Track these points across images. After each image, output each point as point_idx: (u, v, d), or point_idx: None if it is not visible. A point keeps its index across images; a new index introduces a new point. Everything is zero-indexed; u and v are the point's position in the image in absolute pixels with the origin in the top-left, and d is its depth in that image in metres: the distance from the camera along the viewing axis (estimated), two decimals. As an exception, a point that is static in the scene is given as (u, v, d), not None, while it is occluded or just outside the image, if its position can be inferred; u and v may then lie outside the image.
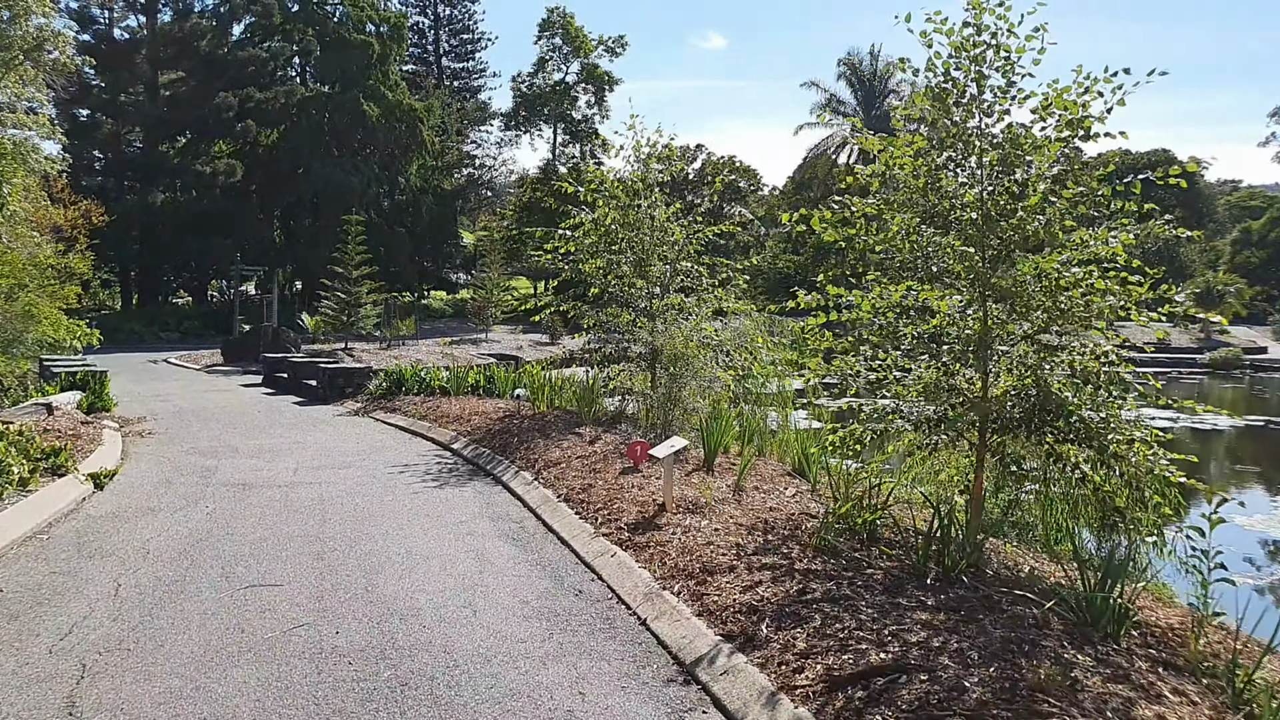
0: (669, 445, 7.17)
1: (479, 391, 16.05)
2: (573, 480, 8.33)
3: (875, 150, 6.98)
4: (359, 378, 17.41)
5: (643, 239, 13.04)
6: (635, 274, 13.23)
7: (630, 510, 7.06)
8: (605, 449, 9.57)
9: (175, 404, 16.83)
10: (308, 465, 10.47)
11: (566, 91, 58.49)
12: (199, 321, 38.54)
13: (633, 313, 13.28)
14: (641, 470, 8.43)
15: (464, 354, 30.64)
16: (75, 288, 19.12)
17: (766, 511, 6.96)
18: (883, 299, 6.97)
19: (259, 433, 13.19)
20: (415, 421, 13.67)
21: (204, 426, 13.82)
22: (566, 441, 10.17)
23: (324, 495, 8.71)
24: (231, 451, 11.49)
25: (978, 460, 6.83)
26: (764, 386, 13.07)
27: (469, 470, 10.03)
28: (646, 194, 13.22)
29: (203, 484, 9.26)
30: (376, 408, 15.53)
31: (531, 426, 11.47)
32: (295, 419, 14.75)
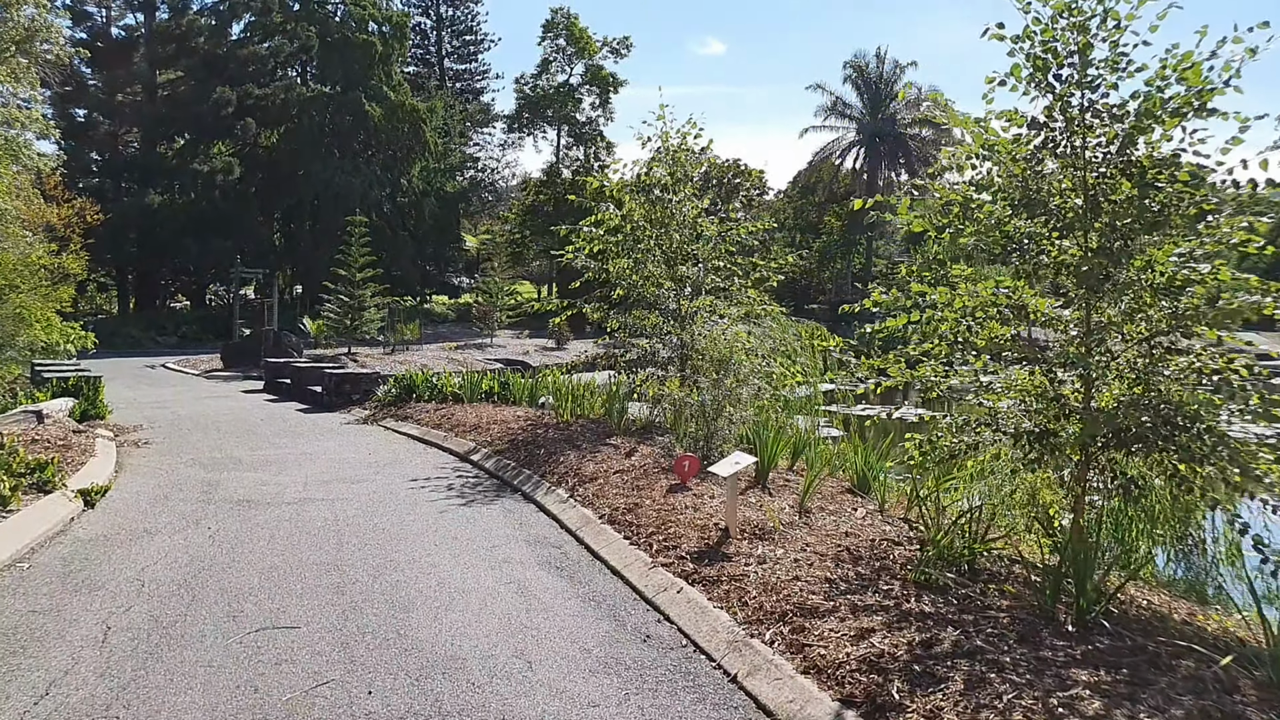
0: (731, 462, 6.36)
1: (493, 398, 15.24)
2: (614, 499, 7.51)
3: (966, 129, 6.17)
4: (367, 384, 16.60)
5: (672, 236, 12.26)
6: (664, 274, 12.46)
7: (689, 535, 6.24)
8: (644, 463, 8.75)
9: (174, 411, 16.01)
10: (318, 479, 9.65)
11: (570, 93, 57.79)
12: (197, 325, 37.70)
13: (660, 315, 12.51)
14: (691, 488, 7.61)
15: (470, 359, 29.85)
16: (69, 289, 18.30)
17: (842, 537, 6.15)
18: (971, 296, 6.19)
19: (263, 443, 12.38)
20: (429, 430, 12.86)
21: (204, 436, 13.00)
22: (600, 454, 9.35)
23: (339, 514, 7.89)
24: (234, 464, 10.67)
25: (1080, 480, 6.04)
26: (792, 392, 12.28)
27: (494, 486, 9.20)
28: (676, 188, 12.44)
29: (204, 501, 8.44)
30: (386, 415, 14.71)
31: (557, 437, 10.66)
32: (301, 428, 13.93)
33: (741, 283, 12.53)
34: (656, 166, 12.51)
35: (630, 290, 12.40)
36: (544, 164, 61.61)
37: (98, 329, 36.00)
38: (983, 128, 6.22)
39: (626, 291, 12.47)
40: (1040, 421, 5.97)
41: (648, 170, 12.46)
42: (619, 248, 12.48)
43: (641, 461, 8.83)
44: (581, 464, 8.97)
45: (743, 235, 12.41)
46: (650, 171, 12.47)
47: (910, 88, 66.64)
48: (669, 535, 6.30)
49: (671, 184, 12.43)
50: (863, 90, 70.53)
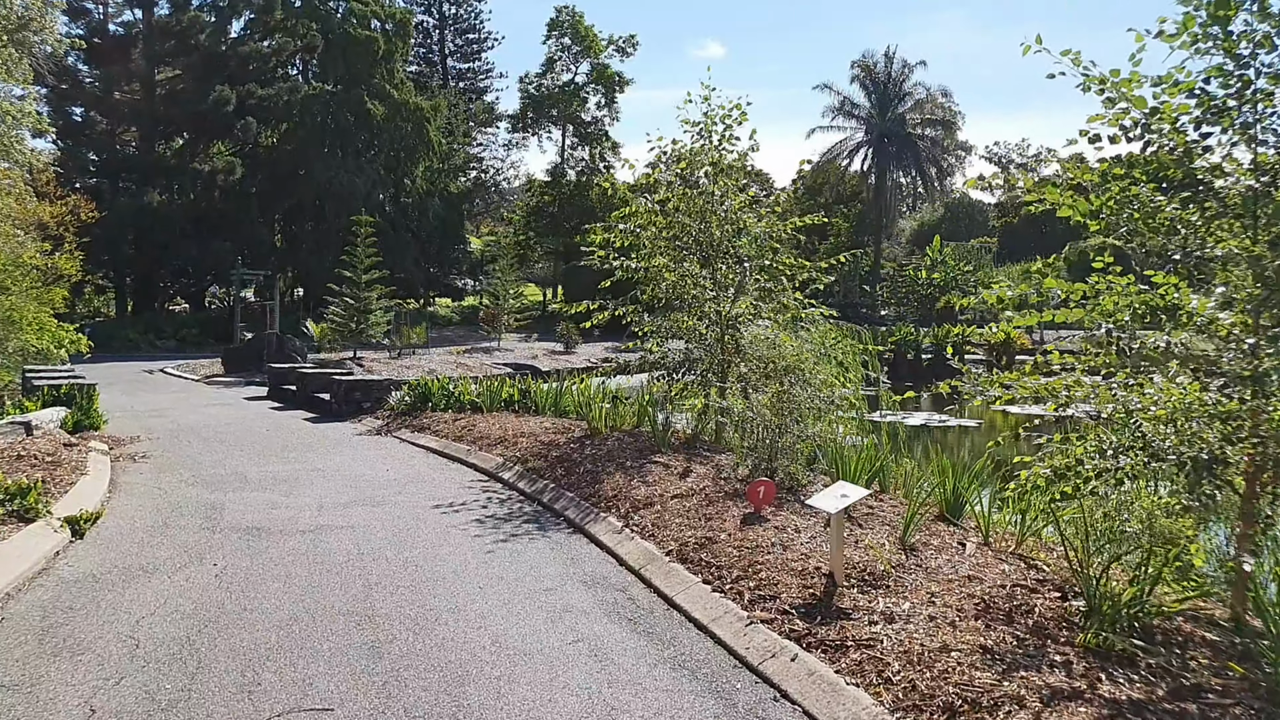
0: (834, 494, 5.38)
1: (514, 407, 14.28)
2: (679, 530, 6.54)
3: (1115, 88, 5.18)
4: (378, 391, 15.62)
5: (713, 232, 11.30)
6: (703, 273, 11.51)
7: (785, 582, 5.28)
8: (703, 485, 7.79)
9: (173, 420, 15.03)
10: (334, 501, 8.68)
11: (576, 92, 56.86)
12: (197, 329, 36.70)
13: (698, 318, 11.57)
14: (769, 519, 6.63)
15: (478, 363, 28.89)
16: (62, 291, 17.34)
17: (965, 582, 5.19)
18: (1123, 295, 5.25)
19: (270, 456, 11.40)
20: (450, 443, 11.89)
21: (206, 448, 12.03)
22: (648, 474, 8.38)
23: (362, 545, 6.92)
24: (240, 481, 9.70)
25: (1244, 519, 5.10)
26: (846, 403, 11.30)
27: (533, 511, 8.23)
28: (719, 178, 11.48)
29: (208, 528, 7.47)
30: (401, 425, 13.73)
31: (594, 453, 9.69)
32: (310, 439, 12.96)
33: (788, 284, 11.58)
34: (697, 155, 11.53)
35: (669, 291, 11.44)
36: (548, 164, 60.75)
37: (95, 332, 35.05)
38: (1122, 93, 5.25)
39: (663, 292, 11.51)
40: (1206, 446, 5.02)
41: (687, 158, 11.48)
42: (655, 244, 11.53)
43: (699, 484, 7.86)
44: (630, 485, 8.00)
45: (790, 231, 11.46)
46: (690, 160, 11.49)
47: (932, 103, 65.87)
48: (761, 581, 5.33)
49: (714, 174, 11.48)
50: (871, 90, 69.55)
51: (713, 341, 11.39)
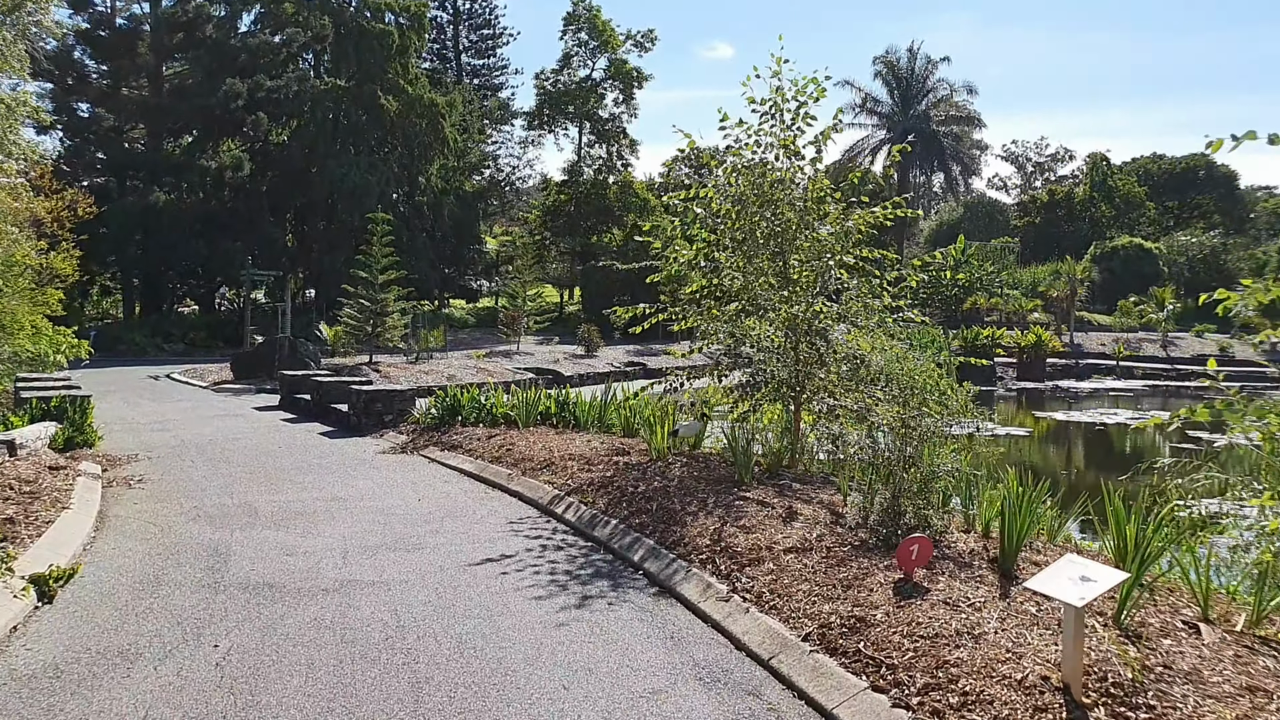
0: (1071, 576, 3.89)
1: (552, 421, 12.85)
2: (811, 601, 5.09)
3: None
4: (401, 402, 14.20)
5: (787, 220, 9.83)
6: (775, 270, 10.06)
7: (1002, 697, 3.81)
8: (818, 533, 6.31)
9: (176, 434, 13.66)
10: (360, 543, 7.26)
11: (593, 89, 55.41)
12: (206, 332, 35.37)
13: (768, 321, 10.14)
14: (927, 586, 5.16)
15: (499, 368, 27.49)
16: (58, 293, 15.97)
17: (1251, 698, 3.72)
18: None
19: (284, 481, 10.00)
20: (487, 466, 10.46)
21: (212, 470, 10.64)
22: (742, 515, 6.92)
23: (401, 613, 5.49)
24: (248, 515, 8.29)
25: None
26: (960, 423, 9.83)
27: (603, 560, 6.78)
28: (793, 161, 10.03)
29: (209, 586, 6.05)
30: (428, 443, 12.32)
31: (663, 484, 8.23)
32: (328, 458, 11.55)
33: (878, 283, 10.12)
34: (765, 135, 10.05)
35: (740, 292, 9.99)
36: (565, 163, 59.43)
37: (100, 335, 33.74)
38: None
39: (726, 292, 10.06)
40: None
41: (756, 137, 10.01)
42: (721, 236, 10.09)
43: (811, 530, 6.39)
44: (723, 530, 6.54)
45: (880, 218, 10.01)
46: (760, 140, 10.02)
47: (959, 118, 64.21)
48: (964, 695, 3.86)
49: (787, 156, 10.02)
50: (894, 87, 67.94)
51: (786, 348, 9.94)
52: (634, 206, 54.99)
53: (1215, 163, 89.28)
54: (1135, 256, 70.12)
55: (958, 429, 8.25)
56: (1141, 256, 71.10)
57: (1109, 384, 34.54)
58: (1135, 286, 60.83)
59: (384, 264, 25.05)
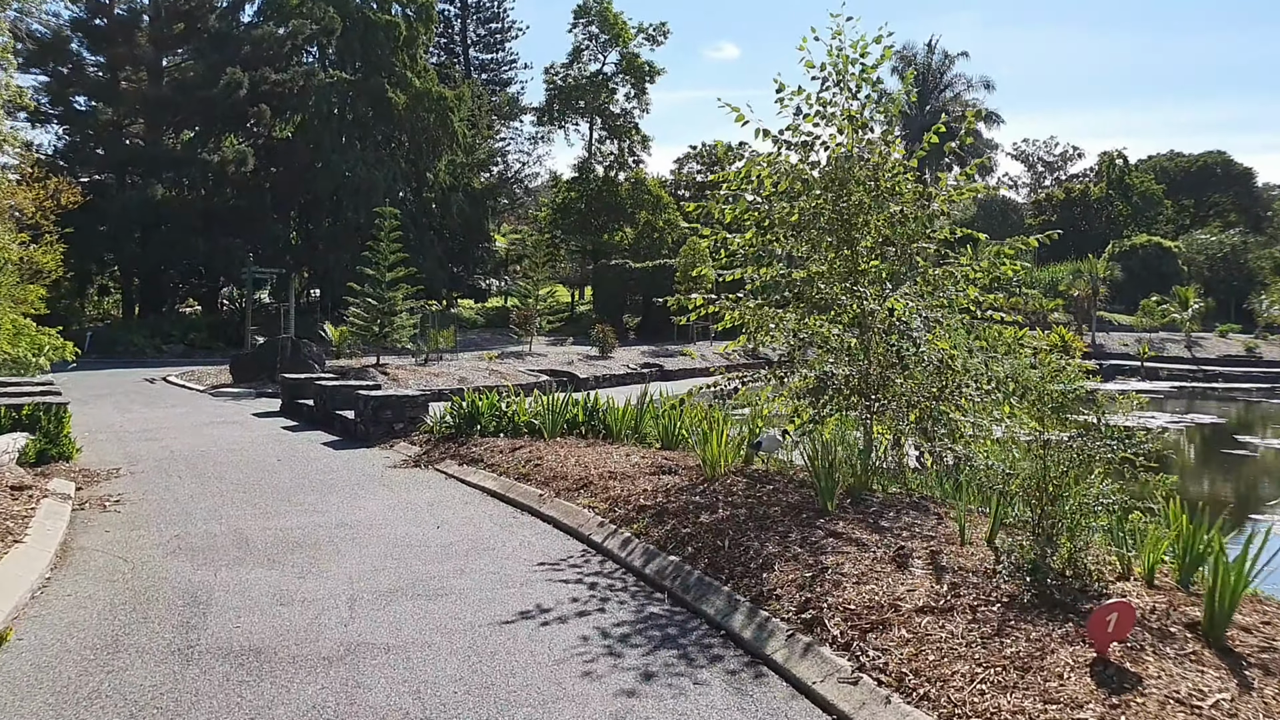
0: None
1: (581, 431, 11.57)
2: (975, 690, 3.78)
3: None
4: (413, 409, 12.92)
5: (857, 207, 8.53)
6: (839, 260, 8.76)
7: None
8: (950, 583, 5.00)
9: (166, 445, 12.41)
10: (371, 587, 5.98)
11: (604, 83, 54.12)
12: (207, 332, 34.14)
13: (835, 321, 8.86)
14: (1130, 667, 3.84)
15: (511, 370, 26.24)
16: (38, 288, 14.74)
17: None
18: None
19: (281, 502, 8.72)
20: (513, 484, 9.16)
21: (200, 488, 9.37)
22: (841, 556, 5.61)
23: (425, 698, 4.20)
24: (239, 547, 7.01)
25: None
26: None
27: (673, 615, 5.46)
28: (859, 133, 8.72)
29: (180, 653, 4.76)
30: (445, 455, 11.04)
31: (729, 513, 6.91)
32: (332, 474, 10.28)
33: (958, 273, 8.81)
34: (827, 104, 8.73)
35: (806, 284, 8.69)
36: (575, 159, 58.15)
37: (97, 336, 32.52)
38: None
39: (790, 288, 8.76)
40: None
41: (817, 107, 8.69)
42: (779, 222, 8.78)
43: (938, 578, 5.07)
44: (823, 577, 5.24)
45: (967, 200, 8.70)
46: (821, 110, 8.70)
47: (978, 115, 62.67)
48: None
49: (852, 129, 8.71)
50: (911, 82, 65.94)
51: (857, 349, 8.64)
52: (646, 204, 53.72)
53: (1232, 160, 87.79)
54: (1154, 255, 68.59)
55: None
56: (1160, 255, 69.52)
57: (1134, 385, 33.15)
58: (1155, 286, 59.38)
59: (392, 261, 23.79)
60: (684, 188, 64.07)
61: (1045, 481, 5.23)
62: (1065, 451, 5.27)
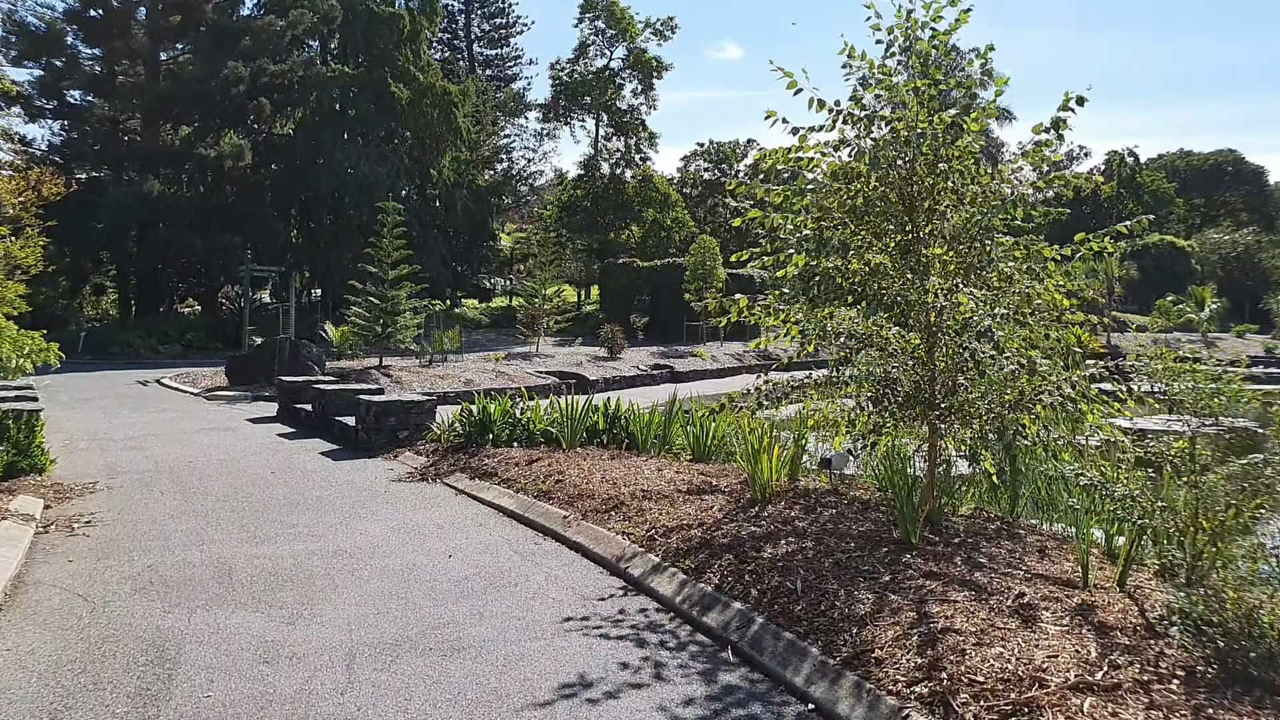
0: None
1: (602, 441, 10.57)
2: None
3: None
4: (418, 415, 11.92)
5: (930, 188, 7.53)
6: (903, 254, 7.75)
7: None
8: (1100, 646, 3.98)
9: (151, 455, 11.42)
10: (373, 638, 4.98)
11: (611, 79, 53.08)
12: (204, 333, 33.11)
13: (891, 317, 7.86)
14: None
15: (518, 372, 25.22)
16: (18, 285, 13.75)
17: None
18: None
19: (272, 523, 7.72)
20: (532, 503, 8.15)
21: (184, 505, 8.38)
22: (944, 603, 4.59)
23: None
24: (220, 581, 6.01)
25: None
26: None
27: (750, 684, 4.42)
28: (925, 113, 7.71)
29: (132, 737, 3.77)
30: (454, 467, 10.03)
31: (802, 546, 5.92)
32: (330, 488, 9.27)
33: (1040, 268, 7.80)
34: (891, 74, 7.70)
35: (868, 281, 7.68)
36: (581, 156, 57.13)
37: (91, 337, 31.53)
38: None
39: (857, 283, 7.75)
40: None
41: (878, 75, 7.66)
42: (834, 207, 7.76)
43: (1078, 636, 4.06)
44: (933, 636, 4.22)
45: (1055, 187, 7.72)
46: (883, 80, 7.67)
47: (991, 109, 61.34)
48: None
49: (920, 102, 7.69)
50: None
51: (921, 351, 7.63)
52: (654, 201, 52.72)
53: (1244, 159, 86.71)
54: (1167, 254, 67.51)
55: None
56: (1173, 255, 68.40)
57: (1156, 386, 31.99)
58: (1168, 285, 58.41)
59: (395, 258, 22.78)
60: (691, 186, 63.10)
61: (1203, 515, 4.23)
62: (1230, 479, 4.26)
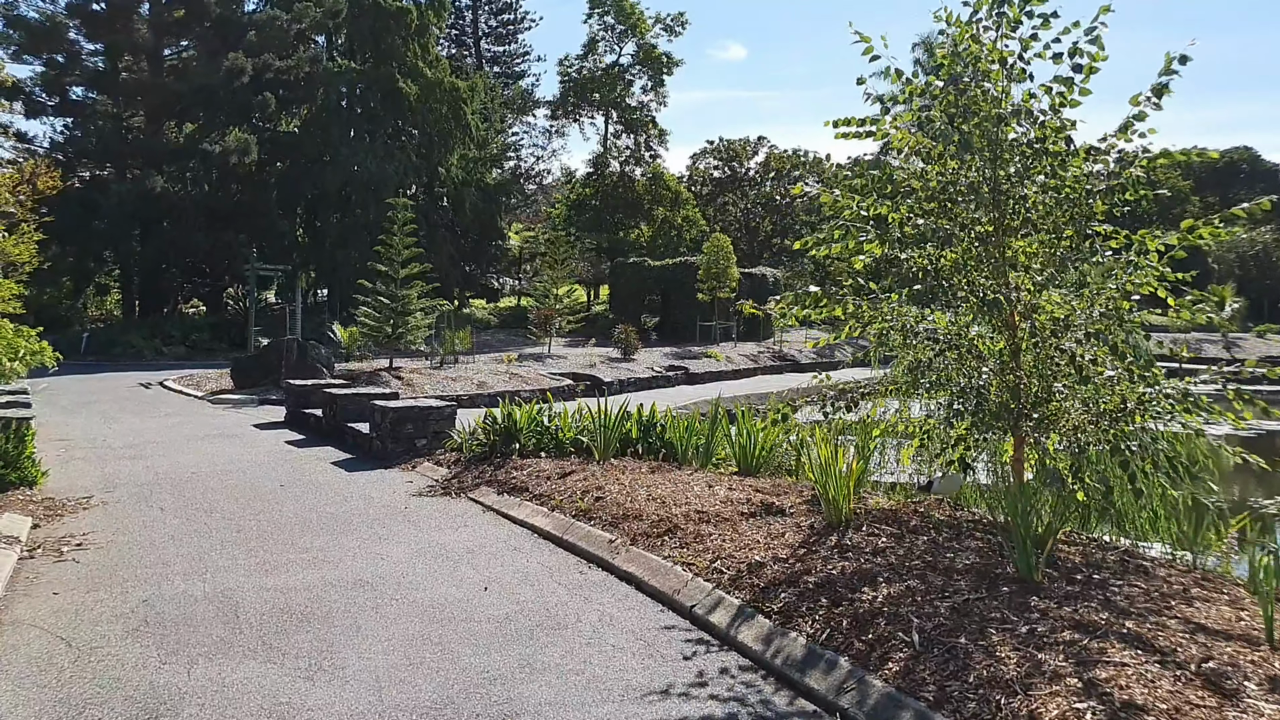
0: None
1: (638, 450, 9.75)
2: None
3: None
4: (437, 421, 11.10)
5: (1025, 174, 6.71)
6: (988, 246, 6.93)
7: None
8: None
9: (151, 464, 10.63)
10: (405, 700, 4.16)
11: (620, 75, 52.23)
12: (209, 333, 32.34)
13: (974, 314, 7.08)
14: None
15: (532, 373, 24.40)
16: (13, 285, 12.96)
17: None
18: None
19: (282, 547, 6.91)
20: (571, 523, 7.32)
21: (185, 524, 7.57)
22: (1106, 664, 3.76)
23: None
24: (224, 623, 5.20)
25: None
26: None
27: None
28: (1004, 80, 6.87)
29: None
30: (479, 479, 9.21)
31: (907, 586, 5.09)
32: (346, 504, 8.46)
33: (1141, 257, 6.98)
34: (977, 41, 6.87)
35: (954, 277, 6.86)
36: (590, 154, 56.32)
37: (94, 338, 30.79)
38: None
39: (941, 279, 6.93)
40: None
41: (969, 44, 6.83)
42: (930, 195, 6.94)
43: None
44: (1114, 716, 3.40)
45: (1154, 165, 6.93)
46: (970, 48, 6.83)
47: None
48: None
49: (1001, 72, 6.86)
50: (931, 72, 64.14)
51: (1005, 355, 6.83)
52: (664, 200, 51.91)
53: (1260, 157, 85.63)
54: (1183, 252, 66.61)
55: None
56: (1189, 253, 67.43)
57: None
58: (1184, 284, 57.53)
59: (406, 256, 21.98)
60: (700, 184, 62.25)
61: None
62: None
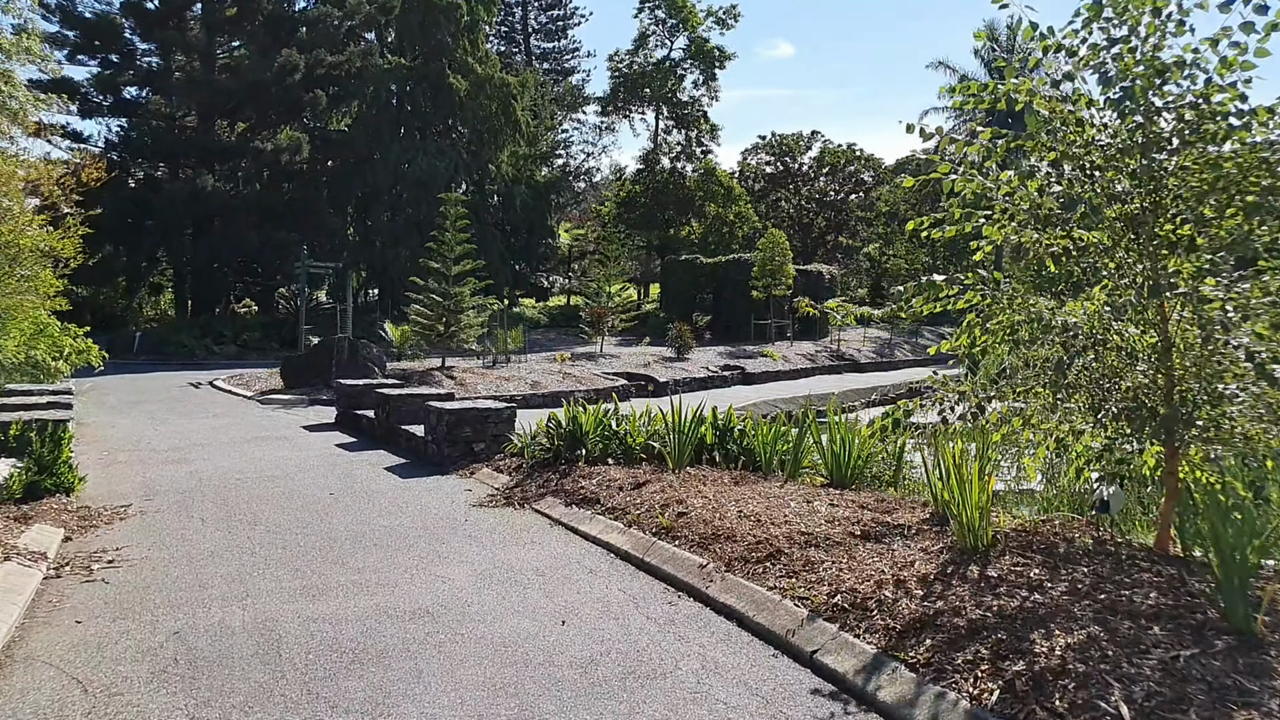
0: None
1: (714, 457, 8.87)
2: None
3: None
4: (496, 424, 10.32)
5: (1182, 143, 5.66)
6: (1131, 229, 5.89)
7: None
8: None
9: (195, 469, 10.02)
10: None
11: (671, 70, 51.28)
12: (260, 333, 32.17)
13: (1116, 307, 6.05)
14: None
15: (585, 373, 23.65)
16: (53, 279, 12.52)
17: None
18: None
19: (332, 566, 6.16)
20: (651, 542, 6.46)
21: (227, 540, 6.87)
22: None
23: None
24: (263, 664, 4.44)
25: None
26: None
27: None
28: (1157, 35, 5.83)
29: None
30: (543, 489, 8.40)
31: (1092, 635, 4.14)
32: (400, 515, 7.71)
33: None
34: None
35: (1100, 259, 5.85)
36: (640, 150, 55.51)
37: (146, 337, 30.77)
38: None
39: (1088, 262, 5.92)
40: None
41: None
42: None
43: None
44: None
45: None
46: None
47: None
48: None
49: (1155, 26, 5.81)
50: (991, 64, 62.52)
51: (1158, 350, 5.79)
52: (716, 196, 50.88)
53: None
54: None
55: None
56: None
57: None
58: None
59: (458, 253, 21.34)
60: (753, 179, 61.10)
61: None
62: None
